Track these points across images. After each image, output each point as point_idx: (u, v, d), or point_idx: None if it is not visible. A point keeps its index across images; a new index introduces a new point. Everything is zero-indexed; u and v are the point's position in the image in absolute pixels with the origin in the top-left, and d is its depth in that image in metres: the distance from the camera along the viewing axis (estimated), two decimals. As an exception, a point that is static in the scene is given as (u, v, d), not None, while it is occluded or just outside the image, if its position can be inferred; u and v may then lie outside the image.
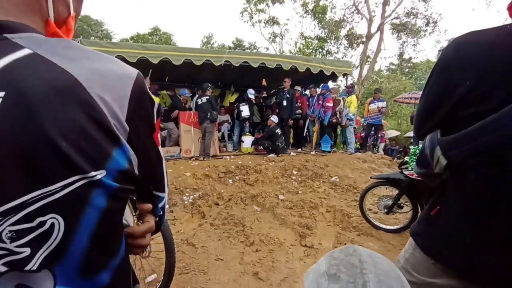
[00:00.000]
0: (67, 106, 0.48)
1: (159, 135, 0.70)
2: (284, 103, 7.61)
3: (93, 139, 0.49)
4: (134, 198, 0.72)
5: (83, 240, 0.51)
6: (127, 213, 0.71)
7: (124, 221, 0.65)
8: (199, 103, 6.87)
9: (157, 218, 0.75)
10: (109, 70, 0.56)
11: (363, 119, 9.34)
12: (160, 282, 2.14)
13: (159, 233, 2.11)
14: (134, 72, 0.61)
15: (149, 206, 0.70)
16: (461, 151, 0.81)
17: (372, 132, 8.91)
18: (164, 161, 0.73)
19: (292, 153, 7.62)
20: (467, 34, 0.85)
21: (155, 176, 0.69)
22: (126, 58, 6.02)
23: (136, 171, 0.59)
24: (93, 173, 0.49)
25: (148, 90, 0.64)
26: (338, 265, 0.58)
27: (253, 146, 7.87)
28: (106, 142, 0.51)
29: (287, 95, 7.62)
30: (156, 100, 6.87)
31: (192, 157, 6.91)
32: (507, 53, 0.74)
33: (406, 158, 3.43)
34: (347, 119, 7.74)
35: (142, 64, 6.51)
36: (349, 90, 8.21)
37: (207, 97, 6.82)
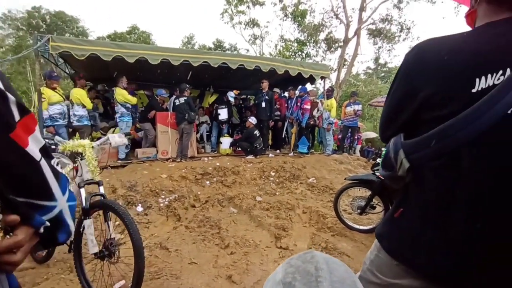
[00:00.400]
0: None
1: (33, 136, 0.61)
2: (263, 104, 7.62)
3: None
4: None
5: None
6: None
7: None
8: (176, 103, 6.76)
9: (41, 230, 0.62)
10: None
11: (340, 122, 9.53)
12: (129, 288, 2.07)
13: (129, 239, 2.05)
14: None
15: (13, 218, 0.57)
16: (422, 154, 0.84)
17: (349, 134, 9.10)
18: (45, 164, 0.63)
19: (270, 155, 7.66)
20: (427, 40, 0.87)
21: (25, 181, 0.59)
22: (100, 57, 5.84)
23: None
24: None
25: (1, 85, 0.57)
26: (293, 273, 0.58)
27: (231, 147, 7.84)
28: None
29: (266, 97, 7.64)
30: (134, 100, 6.69)
31: (169, 158, 6.78)
32: (464, 59, 0.77)
33: (378, 160, 3.52)
34: (328, 123, 7.87)
35: (117, 63, 6.34)
36: (328, 93, 8.36)
37: (185, 98, 6.72)
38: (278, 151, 8.39)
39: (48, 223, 0.63)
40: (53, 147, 2.40)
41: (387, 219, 1.05)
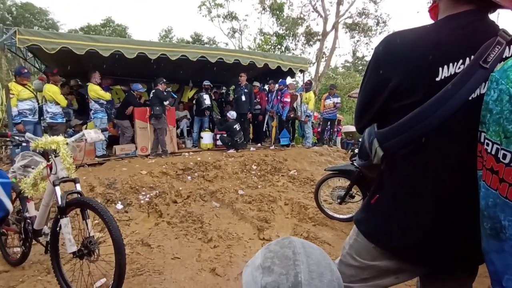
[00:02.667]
0: None
1: None
2: (243, 98, 7.61)
3: None
4: None
5: None
6: None
7: None
8: (150, 97, 6.70)
9: None
10: None
11: (320, 114, 9.67)
12: (110, 287, 2.03)
13: (109, 236, 2.01)
14: None
15: None
16: (394, 142, 0.88)
17: (328, 127, 9.26)
18: None
19: (251, 148, 7.68)
20: (394, 33, 0.92)
21: None
22: (73, 51, 5.60)
23: None
24: None
25: None
26: (272, 258, 0.60)
27: (213, 136, 7.85)
28: None
29: (245, 90, 7.63)
30: (108, 96, 6.47)
31: (149, 154, 6.66)
32: (427, 50, 0.81)
33: (356, 150, 3.62)
34: (306, 115, 7.96)
35: (91, 57, 6.12)
36: (307, 86, 8.44)
37: (153, 91, 6.66)
38: (259, 144, 8.42)
39: None
40: (24, 144, 2.29)
41: (364, 205, 1.10)
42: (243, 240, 3.28)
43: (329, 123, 8.97)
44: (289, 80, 8.91)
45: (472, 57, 0.77)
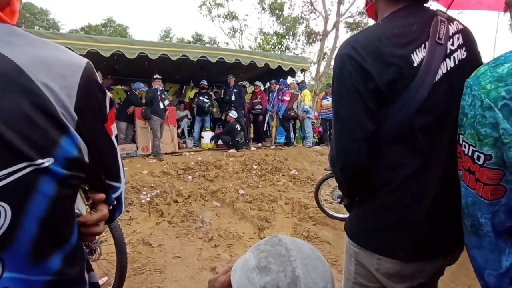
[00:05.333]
0: (9, 93, 0.48)
1: (113, 126, 0.71)
2: (233, 98, 7.67)
3: (38, 126, 0.49)
4: (87, 188, 0.72)
5: (32, 227, 0.51)
6: (80, 202, 0.72)
7: (76, 210, 0.66)
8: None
9: (111, 207, 0.75)
10: (55, 58, 0.56)
11: (319, 115, 9.67)
12: (112, 285, 2.06)
13: (110, 235, 2.03)
14: (83, 61, 0.61)
15: (101, 195, 0.70)
16: (378, 135, 0.87)
17: (328, 127, 9.25)
18: (118, 151, 0.73)
19: (252, 148, 7.69)
20: (355, 34, 0.92)
21: (107, 165, 0.69)
22: (74, 51, 5.61)
23: (87, 159, 0.59)
24: (40, 161, 0.49)
25: (99, 79, 0.64)
26: (267, 257, 0.60)
27: (212, 141, 7.78)
28: (53, 130, 0.52)
29: (235, 90, 7.72)
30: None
31: (149, 154, 6.67)
32: (395, 42, 0.84)
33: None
34: (303, 111, 7.98)
35: (92, 58, 6.11)
36: (301, 85, 8.45)
37: (146, 89, 6.63)
38: (260, 144, 8.43)
39: (115, 202, 0.75)
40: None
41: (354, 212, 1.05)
42: (243, 240, 3.30)
43: (328, 123, 8.97)
44: (289, 79, 8.92)
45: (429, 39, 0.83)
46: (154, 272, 2.59)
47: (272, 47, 18.26)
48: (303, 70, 8.72)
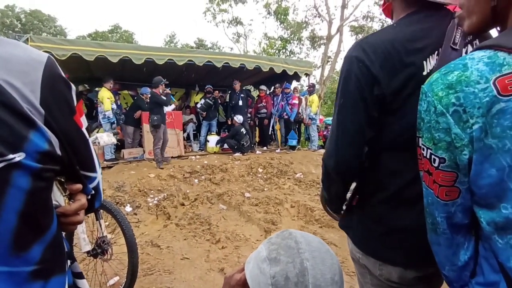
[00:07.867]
0: None
1: (83, 118, 0.73)
2: (240, 103, 7.74)
3: (5, 123, 0.50)
4: (63, 180, 0.74)
5: (10, 219, 0.52)
6: (57, 194, 0.74)
7: (55, 202, 0.68)
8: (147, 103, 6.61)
9: (89, 197, 0.77)
10: (14, 55, 0.56)
11: (326, 119, 9.70)
12: (123, 285, 2.10)
13: (122, 236, 2.08)
14: (43, 56, 0.61)
15: (78, 186, 0.72)
16: (378, 141, 0.88)
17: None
18: (90, 142, 0.75)
19: (257, 152, 7.73)
20: (368, 36, 0.90)
21: (80, 156, 0.70)
22: (82, 57, 5.75)
23: (59, 152, 0.60)
24: (11, 156, 0.50)
25: (62, 73, 0.65)
26: (277, 249, 0.65)
27: (217, 145, 7.84)
28: (20, 125, 0.52)
29: (242, 95, 7.79)
30: (108, 106, 6.33)
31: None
32: (408, 47, 0.82)
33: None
34: (309, 118, 8.01)
35: (100, 63, 6.25)
36: (311, 89, 8.49)
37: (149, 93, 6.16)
38: (265, 148, 8.47)
39: (93, 191, 0.78)
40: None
41: (347, 209, 1.07)
42: (250, 242, 3.32)
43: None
44: (295, 83, 8.98)
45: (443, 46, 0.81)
46: (163, 272, 2.63)
47: (277, 51, 18.37)
48: (307, 74, 8.77)
